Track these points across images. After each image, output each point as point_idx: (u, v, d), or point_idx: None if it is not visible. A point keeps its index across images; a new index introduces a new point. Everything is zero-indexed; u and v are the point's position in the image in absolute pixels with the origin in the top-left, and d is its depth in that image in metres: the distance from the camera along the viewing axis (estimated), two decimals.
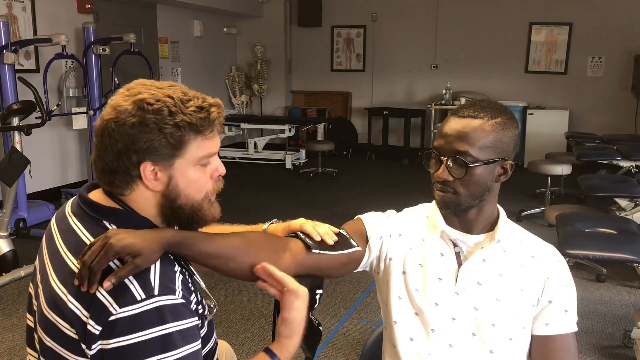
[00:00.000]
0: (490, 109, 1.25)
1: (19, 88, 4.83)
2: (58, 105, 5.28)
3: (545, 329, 1.28)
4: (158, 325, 0.97)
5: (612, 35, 7.81)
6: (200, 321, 1.06)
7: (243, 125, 8.44)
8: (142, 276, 1.00)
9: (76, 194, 1.17)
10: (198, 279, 1.15)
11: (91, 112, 5.66)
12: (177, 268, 1.07)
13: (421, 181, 1.72)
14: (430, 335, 1.29)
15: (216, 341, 1.19)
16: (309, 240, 1.24)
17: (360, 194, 6.53)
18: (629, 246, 2.91)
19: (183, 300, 1.01)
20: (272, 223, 1.38)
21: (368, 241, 1.34)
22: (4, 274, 3.82)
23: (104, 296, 0.97)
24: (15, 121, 4.43)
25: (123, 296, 0.97)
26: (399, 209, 1.45)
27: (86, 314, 0.97)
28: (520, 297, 1.28)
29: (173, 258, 1.08)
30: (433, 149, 1.28)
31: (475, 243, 1.31)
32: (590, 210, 4.99)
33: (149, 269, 1.01)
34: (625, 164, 5.21)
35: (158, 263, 1.03)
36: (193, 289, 1.08)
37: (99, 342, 0.96)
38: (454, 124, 1.24)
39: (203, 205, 1.13)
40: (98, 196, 1.11)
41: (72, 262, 1.03)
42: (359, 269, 1.38)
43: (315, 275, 1.26)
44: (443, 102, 8.24)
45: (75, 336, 0.98)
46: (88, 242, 1.03)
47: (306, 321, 1.17)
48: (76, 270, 1.00)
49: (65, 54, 5.13)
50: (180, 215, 1.11)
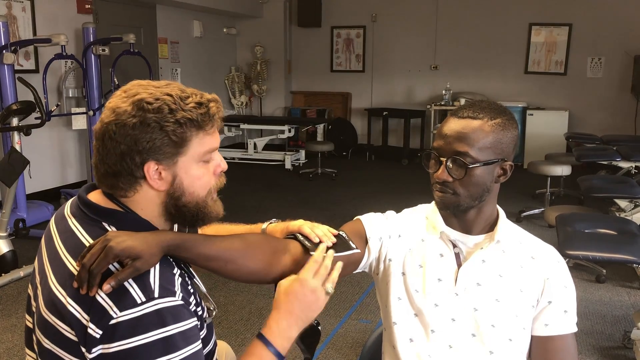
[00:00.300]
0: (489, 109, 1.25)
1: (19, 88, 4.83)
2: (57, 105, 5.27)
3: (544, 329, 1.28)
4: (159, 327, 0.97)
5: (612, 36, 7.80)
6: (199, 323, 1.06)
7: (243, 126, 8.44)
8: (142, 279, 0.99)
9: (75, 195, 1.17)
10: (198, 281, 1.15)
11: (91, 113, 5.65)
12: (177, 270, 1.07)
13: (421, 182, 1.72)
14: (430, 336, 1.29)
15: (215, 342, 1.19)
16: (307, 243, 1.24)
17: (360, 195, 6.52)
18: (628, 247, 2.90)
19: (182, 302, 1.01)
20: (271, 223, 1.38)
21: (367, 242, 1.35)
22: (4, 275, 3.81)
23: (104, 300, 0.97)
24: (14, 121, 4.43)
25: (123, 300, 0.97)
26: (399, 210, 1.45)
27: (86, 317, 0.97)
28: (520, 298, 1.28)
29: (172, 260, 1.08)
30: (432, 149, 1.28)
31: (475, 244, 1.31)
32: (590, 211, 4.99)
33: (149, 271, 1.01)
34: (624, 164, 5.21)
35: (157, 265, 1.02)
36: (192, 291, 1.08)
37: (100, 347, 0.96)
38: (453, 125, 1.24)
39: (207, 202, 1.13)
40: (97, 197, 1.11)
41: (72, 264, 1.03)
42: (358, 270, 1.38)
43: None
44: (443, 103, 8.24)
45: (74, 338, 0.98)
46: (87, 244, 1.03)
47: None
48: (75, 272, 1.00)
49: (64, 54, 5.13)
50: (186, 213, 1.11)
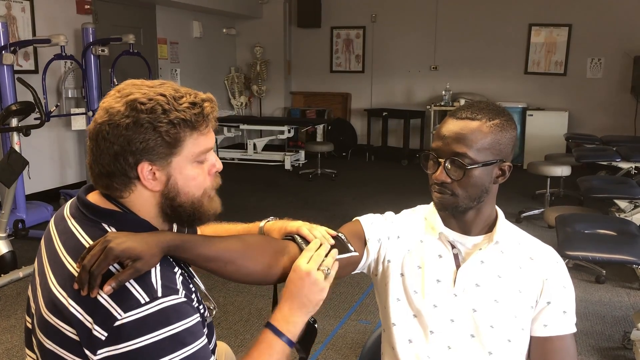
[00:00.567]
0: (488, 110, 1.24)
1: (18, 89, 4.82)
2: (57, 106, 5.28)
3: (543, 330, 1.28)
4: (165, 326, 0.97)
5: (612, 37, 7.81)
6: (201, 320, 1.06)
7: (242, 126, 8.44)
8: (144, 279, 0.99)
9: (75, 196, 1.16)
10: (198, 281, 1.15)
11: (90, 113, 5.65)
12: (177, 270, 1.07)
13: (420, 182, 1.73)
14: (429, 337, 1.29)
15: (215, 343, 1.19)
16: (304, 246, 1.24)
17: (360, 195, 6.52)
18: (628, 247, 2.90)
19: (185, 299, 1.01)
20: (269, 221, 1.38)
21: (366, 244, 1.34)
22: (3, 275, 3.81)
23: (107, 301, 0.96)
24: (14, 122, 4.43)
25: (127, 301, 0.96)
26: (398, 210, 1.45)
27: (90, 320, 0.96)
28: (519, 299, 1.27)
29: (172, 260, 1.08)
30: (431, 150, 1.27)
31: (474, 244, 1.31)
32: (590, 211, 4.99)
33: (150, 271, 1.00)
34: (624, 165, 5.21)
35: (158, 266, 1.02)
36: (193, 290, 1.08)
37: (106, 349, 0.95)
38: (451, 126, 1.24)
39: (203, 202, 1.12)
40: (96, 198, 1.10)
41: (72, 266, 1.02)
42: (357, 271, 1.38)
43: None
44: (442, 103, 8.24)
45: (76, 338, 0.97)
46: (87, 245, 1.02)
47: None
48: (76, 274, 0.99)
49: (64, 54, 5.13)
50: (181, 213, 1.11)
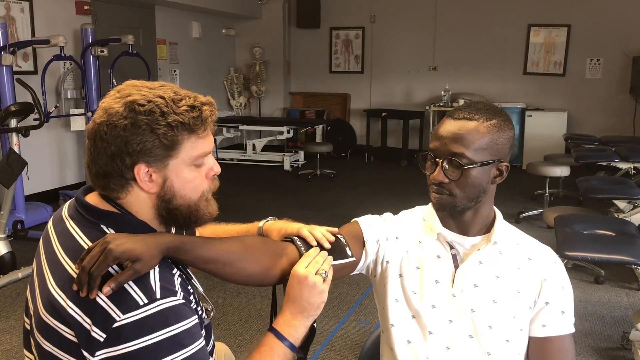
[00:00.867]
0: (485, 110, 1.25)
1: (17, 90, 4.82)
2: (56, 106, 5.27)
3: (542, 330, 1.28)
4: (164, 327, 0.97)
5: (611, 37, 7.81)
6: (199, 321, 1.06)
7: (241, 127, 8.44)
8: (143, 281, 0.99)
9: (73, 196, 1.16)
10: (196, 282, 1.15)
11: (89, 114, 5.65)
12: (175, 271, 1.07)
13: (419, 183, 1.73)
14: (427, 337, 1.29)
15: (214, 344, 1.19)
16: (304, 250, 1.24)
17: (359, 196, 6.52)
18: (627, 248, 2.90)
19: (184, 300, 1.01)
20: (268, 221, 1.38)
21: (364, 245, 1.35)
22: (2, 276, 3.81)
23: (106, 303, 0.96)
24: (13, 123, 4.43)
25: (125, 302, 0.96)
26: (398, 211, 1.45)
27: (88, 321, 0.96)
28: (517, 299, 1.27)
29: (170, 262, 1.08)
30: (429, 151, 1.28)
31: (472, 245, 1.31)
32: (589, 212, 4.98)
33: (149, 273, 1.00)
34: (623, 165, 5.21)
35: (157, 267, 1.02)
36: (191, 291, 1.08)
37: (105, 350, 0.95)
38: (449, 126, 1.24)
39: (200, 205, 1.12)
40: (95, 199, 1.10)
41: (71, 267, 1.02)
42: (355, 272, 1.38)
43: None
44: (442, 104, 8.24)
45: (74, 339, 0.97)
46: (86, 247, 1.02)
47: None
48: (75, 275, 0.99)
49: (63, 55, 5.13)
50: (177, 215, 1.10)
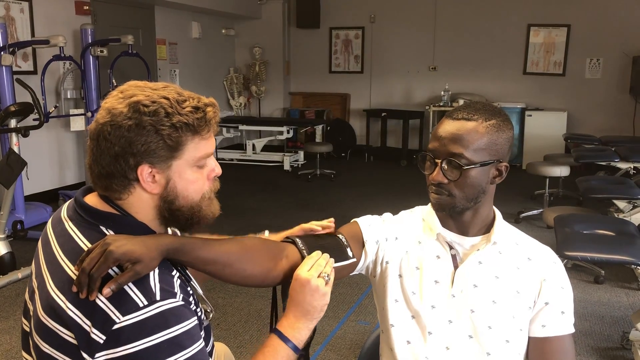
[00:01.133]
0: (484, 111, 1.24)
1: (17, 90, 4.82)
2: (56, 107, 5.27)
3: (542, 330, 1.28)
4: (163, 329, 0.97)
5: (610, 37, 7.81)
6: (198, 323, 1.06)
7: (241, 127, 8.44)
8: (142, 283, 0.99)
9: (73, 197, 1.16)
10: (195, 284, 1.15)
11: (89, 114, 5.65)
12: (175, 273, 1.07)
13: (419, 183, 1.73)
14: (427, 338, 1.29)
15: (213, 345, 1.19)
16: (305, 254, 1.24)
17: (359, 196, 6.52)
18: (627, 248, 2.90)
19: (183, 302, 1.01)
20: (263, 235, 1.38)
21: (364, 245, 1.34)
22: (1, 277, 3.81)
23: (106, 305, 0.96)
24: (12, 123, 4.43)
25: (125, 304, 0.96)
26: (397, 211, 1.45)
27: (88, 323, 0.96)
28: (517, 299, 1.27)
29: (170, 263, 1.08)
30: (428, 151, 1.28)
31: (471, 245, 1.31)
32: (589, 211, 4.98)
33: (148, 275, 1.00)
34: (623, 165, 5.21)
35: (156, 269, 1.02)
36: (191, 293, 1.08)
37: (104, 352, 0.95)
38: (448, 127, 1.24)
39: (202, 206, 1.12)
40: (94, 200, 1.10)
41: (70, 269, 1.02)
42: (355, 273, 1.38)
43: None
44: (441, 104, 8.24)
45: (74, 342, 0.97)
46: (85, 248, 1.02)
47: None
48: (74, 277, 0.99)
49: (63, 55, 5.13)
50: (179, 216, 1.11)
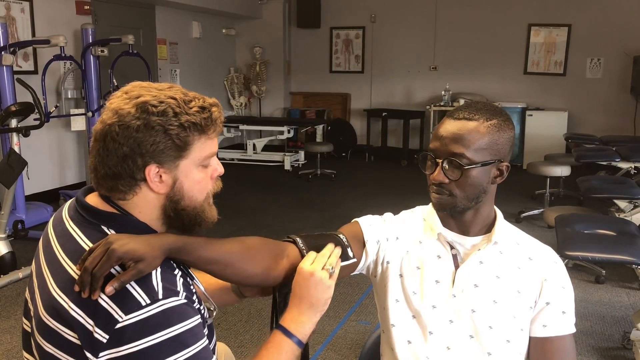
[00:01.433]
0: (485, 110, 1.24)
1: (17, 89, 4.82)
2: (56, 106, 5.27)
3: (543, 330, 1.28)
4: (166, 328, 0.96)
5: (611, 37, 7.81)
6: (201, 321, 1.06)
7: (242, 127, 8.44)
8: (145, 281, 0.99)
9: (74, 197, 1.16)
10: (197, 282, 1.15)
11: (89, 114, 5.66)
12: (177, 272, 1.07)
13: (420, 183, 1.73)
14: (427, 337, 1.29)
15: (215, 343, 1.19)
16: (305, 252, 1.24)
17: (359, 196, 6.52)
18: (628, 248, 2.90)
19: (186, 300, 1.01)
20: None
21: (365, 245, 1.34)
22: (2, 276, 3.81)
23: (108, 304, 0.96)
24: (13, 123, 4.43)
25: (127, 303, 0.96)
26: (398, 211, 1.45)
27: (91, 322, 0.96)
28: (518, 299, 1.27)
29: (172, 262, 1.08)
30: (429, 151, 1.28)
31: (472, 245, 1.31)
32: (590, 211, 4.98)
33: (151, 274, 1.00)
34: (624, 165, 5.21)
35: (159, 267, 1.02)
36: (194, 291, 1.08)
37: (108, 351, 0.95)
38: (449, 126, 1.24)
39: (205, 207, 1.13)
40: (95, 200, 1.10)
41: (72, 269, 1.02)
42: (355, 273, 1.38)
43: None
44: (442, 104, 8.23)
45: (77, 342, 0.97)
46: (87, 248, 1.02)
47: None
48: (76, 276, 0.99)
49: (63, 55, 5.13)
50: (184, 217, 1.11)
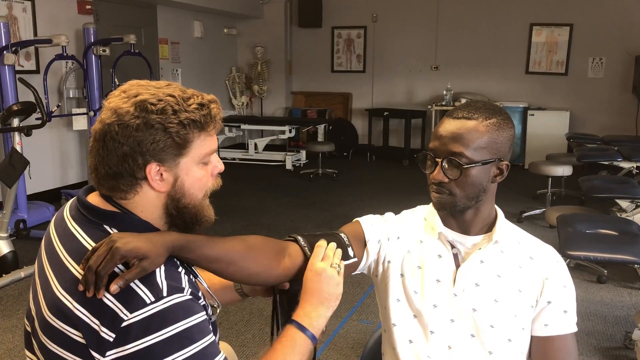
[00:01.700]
0: (484, 109, 1.24)
1: (19, 89, 4.83)
2: (58, 106, 5.27)
3: (544, 329, 1.28)
4: (172, 324, 0.97)
5: (613, 36, 7.79)
6: (207, 317, 1.06)
7: (243, 126, 8.44)
8: (149, 279, 0.99)
9: (75, 196, 1.16)
10: (201, 280, 1.15)
11: (91, 113, 5.66)
12: (181, 269, 1.07)
13: (421, 182, 1.72)
14: (429, 337, 1.29)
15: (218, 341, 1.19)
16: (308, 252, 1.25)
17: (360, 195, 6.52)
18: (629, 247, 2.90)
19: (191, 296, 1.01)
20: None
21: (366, 245, 1.34)
22: (4, 275, 3.82)
23: (113, 302, 0.96)
24: (15, 122, 4.43)
25: (132, 301, 0.96)
26: (399, 210, 1.45)
27: (97, 322, 0.96)
28: (519, 298, 1.27)
29: (176, 260, 1.08)
30: (428, 150, 1.28)
31: (473, 244, 1.31)
32: (591, 211, 4.98)
33: (155, 271, 1.00)
34: (626, 165, 5.20)
35: (162, 265, 1.02)
36: (199, 288, 1.09)
37: (115, 350, 0.95)
38: (448, 126, 1.24)
39: (204, 205, 1.13)
40: (97, 200, 1.10)
41: (75, 269, 1.02)
42: (357, 272, 1.38)
43: None
44: (444, 103, 8.22)
45: (82, 341, 0.97)
46: (89, 247, 1.02)
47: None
48: (79, 276, 0.99)
49: (65, 54, 5.13)
50: (186, 214, 1.11)
